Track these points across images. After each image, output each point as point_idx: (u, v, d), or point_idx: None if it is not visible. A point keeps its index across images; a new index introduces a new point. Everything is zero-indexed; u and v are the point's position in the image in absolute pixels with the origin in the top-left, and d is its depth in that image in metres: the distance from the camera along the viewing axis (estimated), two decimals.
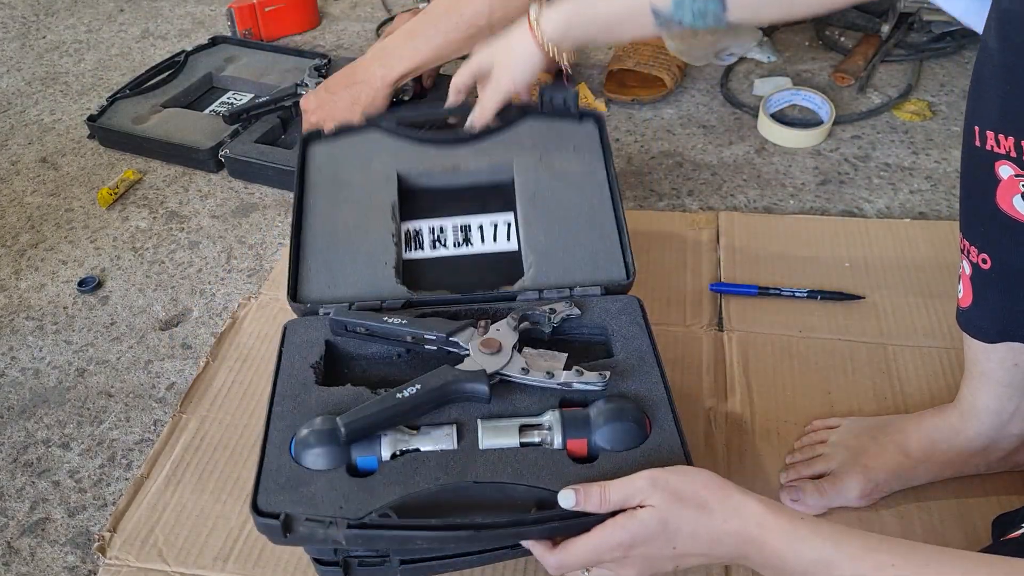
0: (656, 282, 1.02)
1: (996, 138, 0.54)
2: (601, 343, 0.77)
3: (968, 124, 0.58)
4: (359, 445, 0.64)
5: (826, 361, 0.91)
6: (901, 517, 0.75)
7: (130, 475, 0.86)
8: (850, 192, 1.18)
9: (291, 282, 0.82)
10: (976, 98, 0.56)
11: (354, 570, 0.68)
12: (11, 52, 1.77)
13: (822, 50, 1.54)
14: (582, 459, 0.64)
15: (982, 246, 0.60)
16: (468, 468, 0.63)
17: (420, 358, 0.76)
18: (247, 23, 1.73)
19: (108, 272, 1.13)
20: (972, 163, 0.58)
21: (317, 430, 0.64)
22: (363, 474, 0.64)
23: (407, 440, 0.65)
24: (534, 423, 0.66)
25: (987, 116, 0.55)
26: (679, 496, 0.55)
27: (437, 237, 0.87)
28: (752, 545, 0.54)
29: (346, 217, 0.87)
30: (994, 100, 0.54)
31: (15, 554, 0.79)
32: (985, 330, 0.66)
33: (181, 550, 0.76)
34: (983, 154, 0.56)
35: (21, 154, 1.41)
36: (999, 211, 0.56)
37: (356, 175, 0.90)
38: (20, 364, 1.00)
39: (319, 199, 0.88)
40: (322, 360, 0.74)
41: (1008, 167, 0.54)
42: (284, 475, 0.63)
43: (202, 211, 1.24)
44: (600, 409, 0.65)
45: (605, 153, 0.90)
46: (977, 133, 0.56)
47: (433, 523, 0.58)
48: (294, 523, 0.59)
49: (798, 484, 0.77)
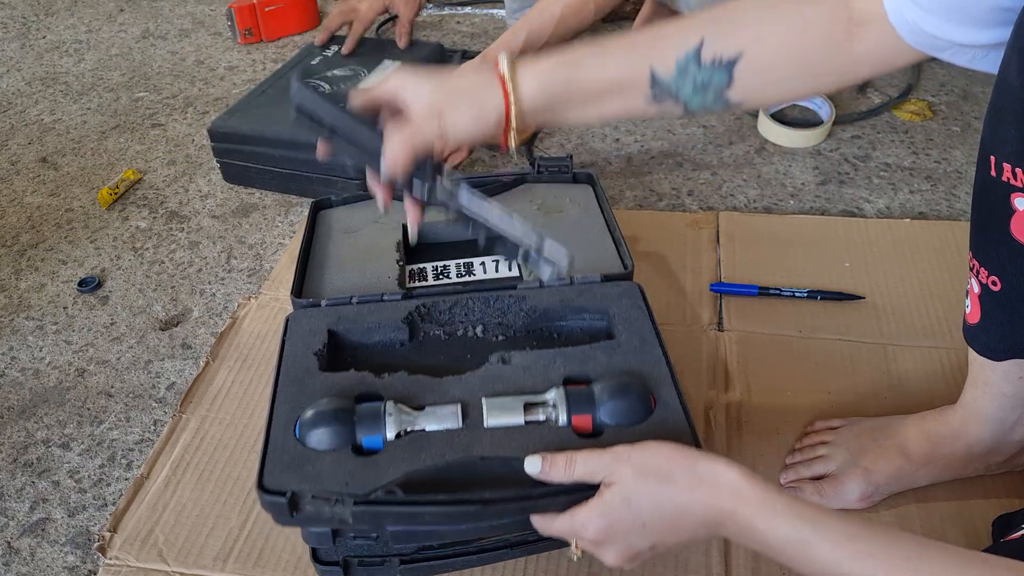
0: (656, 282, 1.02)
1: (1013, 171, 0.53)
2: (603, 327, 0.78)
3: (983, 153, 0.57)
4: (363, 425, 0.64)
5: (826, 361, 0.91)
6: (901, 519, 0.75)
7: (130, 475, 0.86)
8: (850, 192, 1.18)
9: (296, 286, 0.83)
10: (994, 130, 0.56)
11: (354, 570, 0.68)
12: (11, 52, 1.77)
13: None
14: (587, 435, 0.65)
15: (992, 269, 0.60)
16: (473, 446, 0.63)
17: (423, 345, 0.77)
18: (247, 23, 1.73)
19: (108, 272, 1.13)
20: (987, 192, 0.58)
21: (321, 410, 0.65)
22: (368, 453, 0.64)
23: (412, 420, 0.65)
24: (538, 400, 0.66)
25: (1005, 149, 0.54)
26: (642, 470, 0.54)
27: (440, 271, 0.89)
28: (725, 515, 0.52)
29: (352, 248, 0.90)
30: (1013, 134, 0.53)
31: (15, 554, 0.79)
32: (992, 348, 0.66)
33: (181, 550, 0.76)
34: (999, 184, 0.55)
35: (21, 154, 1.41)
36: (1013, 240, 0.56)
37: (364, 225, 0.93)
38: (20, 364, 1.00)
39: (327, 241, 0.92)
40: (325, 348, 0.75)
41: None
42: (289, 455, 0.63)
43: (202, 211, 1.24)
44: (604, 385, 0.66)
45: (602, 206, 0.94)
46: (993, 163, 0.56)
47: (440, 498, 0.58)
48: (300, 501, 0.59)
49: (798, 485, 0.77)
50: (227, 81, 1.62)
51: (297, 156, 1.20)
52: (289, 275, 0.95)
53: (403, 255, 0.88)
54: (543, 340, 0.78)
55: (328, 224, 0.94)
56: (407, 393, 0.68)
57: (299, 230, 1.16)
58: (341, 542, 0.66)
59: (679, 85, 0.63)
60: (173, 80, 1.63)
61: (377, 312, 0.78)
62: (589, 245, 0.87)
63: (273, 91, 1.31)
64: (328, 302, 0.79)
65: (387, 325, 0.77)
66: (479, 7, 1.85)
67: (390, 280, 0.85)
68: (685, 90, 0.63)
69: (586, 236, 0.88)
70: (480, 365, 0.71)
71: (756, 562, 0.72)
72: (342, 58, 1.40)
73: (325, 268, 0.87)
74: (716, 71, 0.62)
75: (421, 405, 0.67)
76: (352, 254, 0.89)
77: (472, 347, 0.77)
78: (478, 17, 1.83)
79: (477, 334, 0.78)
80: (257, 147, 1.22)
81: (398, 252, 0.89)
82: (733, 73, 0.62)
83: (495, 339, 0.78)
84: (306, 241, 0.89)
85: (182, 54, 1.73)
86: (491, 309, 0.79)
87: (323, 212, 0.96)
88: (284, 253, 1.13)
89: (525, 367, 0.70)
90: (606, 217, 0.91)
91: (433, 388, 0.69)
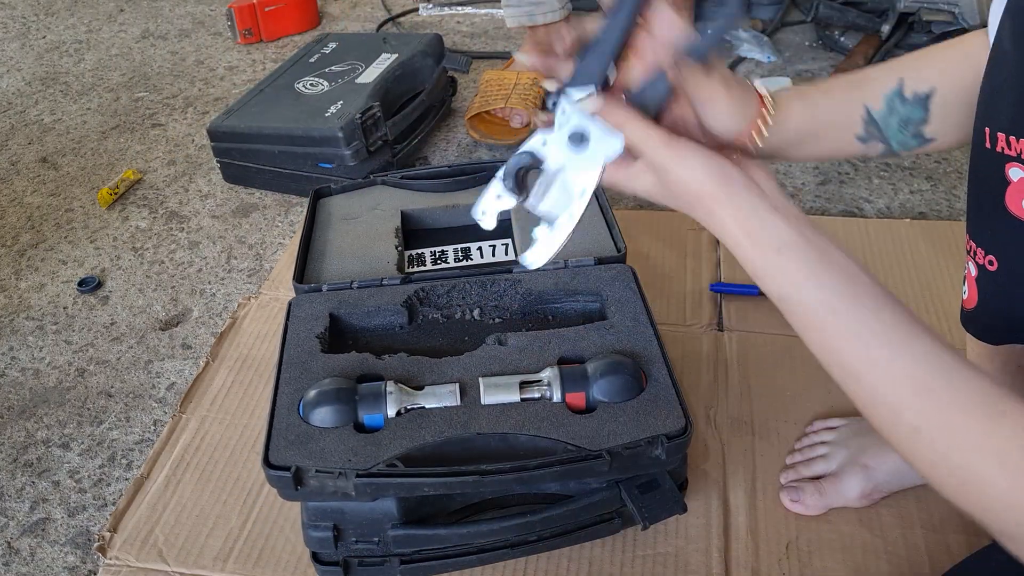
0: (656, 282, 1.02)
1: (1008, 140, 0.53)
2: (596, 309, 0.79)
3: (978, 126, 0.57)
4: (365, 404, 0.66)
5: None
6: (901, 517, 0.75)
7: (130, 475, 0.86)
8: (850, 192, 1.18)
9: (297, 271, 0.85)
10: (987, 100, 0.56)
11: (354, 570, 0.68)
12: (11, 52, 1.77)
13: (822, 50, 1.54)
14: (581, 411, 0.67)
15: (989, 248, 0.60)
16: (471, 422, 0.65)
17: (421, 328, 0.79)
18: (247, 23, 1.74)
19: (108, 272, 1.13)
20: (981, 165, 0.58)
21: (325, 390, 0.67)
22: (370, 431, 0.65)
23: (412, 398, 0.67)
24: (534, 379, 0.68)
25: (999, 118, 0.54)
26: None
27: (438, 257, 0.91)
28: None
29: (352, 235, 0.91)
30: (1008, 102, 0.53)
31: (15, 554, 0.79)
32: (990, 331, 0.66)
33: (181, 550, 0.76)
34: (993, 156, 0.55)
35: (21, 154, 1.41)
36: (1008, 213, 0.56)
37: (363, 212, 0.95)
38: (20, 364, 1.00)
39: (327, 228, 0.93)
40: (327, 331, 0.76)
41: (1019, 169, 0.53)
42: (294, 433, 0.65)
43: (202, 211, 1.24)
44: (597, 364, 0.68)
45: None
46: (988, 135, 0.56)
47: (439, 470, 0.60)
48: (304, 475, 0.61)
49: (798, 484, 0.77)
50: (227, 81, 1.62)
51: (296, 153, 1.20)
52: (289, 275, 0.95)
53: (401, 240, 0.90)
54: (538, 322, 0.80)
55: (328, 211, 0.95)
56: (407, 374, 0.70)
57: (299, 230, 1.16)
58: (343, 545, 0.67)
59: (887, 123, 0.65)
60: (173, 80, 1.63)
61: (377, 296, 0.80)
62: (582, 228, 0.87)
63: (272, 90, 1.32)
64: (329, 287, 0.81)
65: (387, 309, 0.79)
66: (479, 7, 1.85)
67: (389, 265, 0.86)
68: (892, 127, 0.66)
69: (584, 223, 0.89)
70: (477, 346, 0.73)
71: (756, 562, 0.72)
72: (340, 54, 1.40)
73: (326, 254, 0.88)
74: (915, 107, 0.64)
75: (421, 385, 0.69)
76: (352, 240, 0.90)
77: (469, 329, 0.79)
78: (478, 17, 1.83)
79: (474, 316, 0.80)
80: (256, 145, 1.22)
81: (396, 238, 0.90)
82: (929, 107, 0.64)
83: (492, 321, 0.80)
84: (307, 228, 0.91)
85: (182, 54, 1.73)
86: (487, 292, 0.80)
87: (323, 200, 0.97)
88: (284, 253, 1.13)
89: (521, 348, 0.72)
90: (599, 200, 0.91)
91: (432, 368, 0.71)
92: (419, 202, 0.96)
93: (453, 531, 0.67)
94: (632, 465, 0.63)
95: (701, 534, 0.74)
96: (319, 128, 1.18)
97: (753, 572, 0.71)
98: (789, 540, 0.73)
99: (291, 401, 0.68)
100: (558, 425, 0.65)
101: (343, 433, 0.64)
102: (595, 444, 0.63)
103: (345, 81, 1.30)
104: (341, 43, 1.44)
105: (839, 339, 0.50)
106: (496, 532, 0.67)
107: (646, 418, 0.65)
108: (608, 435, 0.64)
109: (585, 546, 0.73)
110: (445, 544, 0.68)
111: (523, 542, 0.70)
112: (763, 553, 0.72)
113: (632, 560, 0.72)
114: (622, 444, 0.63)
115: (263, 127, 1.22)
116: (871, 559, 0.71)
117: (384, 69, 1.31)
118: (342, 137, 1.17)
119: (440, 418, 0.66)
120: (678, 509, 0.66)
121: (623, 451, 0.62)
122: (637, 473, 0.66)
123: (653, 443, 0.63)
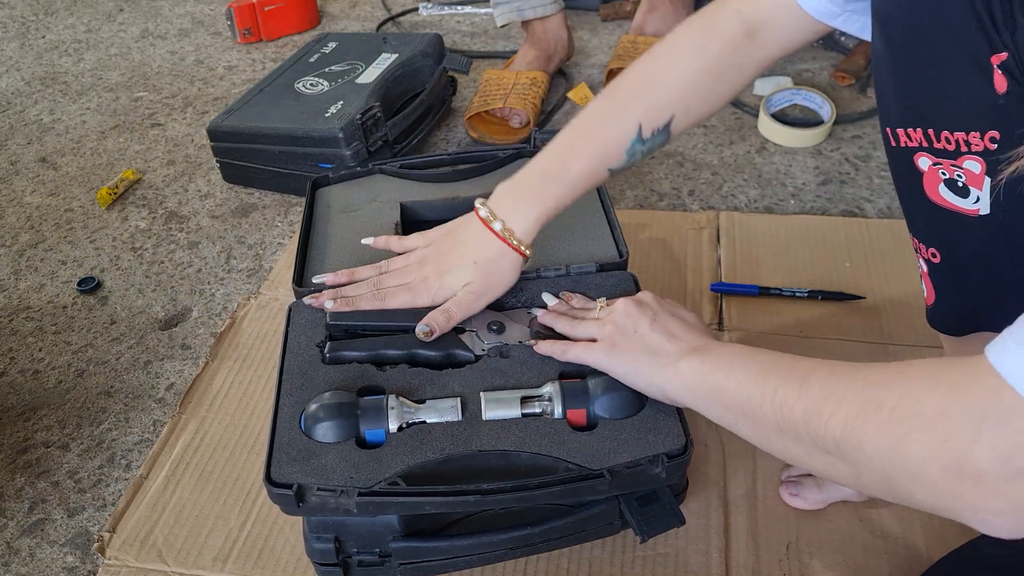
0: (656, 282, 1.02)
1: (907, 133, 0.56)
2: None
3: (881, 127, 0.60)
4: (367, 418, 0.66)
5: None
6: (901, 517, 0.75)
7: (129, 475, 0.86)
8: (851, 192, 1.18)
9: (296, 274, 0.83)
10: (880, 101, 0.59)
11: (354, 571, 0.68)
12: (11, 52, 1.77)
13: (822, 50, 1.54)
14: (581, 427, 0.66)
15: (927, 240, 0.62)
16: (473, 438, 0.65)
17: None
18: (247, 23, 1.73)
19: (108, 272, 1.13)
20: (896, 163, 0.60)
21: (326, 404, 0.66)
22: (371, 446, 0.65)
23: (413, 413, 0.67)
24: (535, 394, 0.68)
25: (892, 116, 0.57)
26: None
27: None
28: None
29: (351, 229, 0.90)
30: (893, 99, 0.56)
31: (15, 554, 0.79)
32: (951, 326, 0.67)
33: (180, 550, 0.76)
34: (901, 152, 0.57)
35: (21, 154, 1.41)
36: (931, 203, 0.58)
37: (363, 204, 0.94)
38: (19, 365, 1.00)
39: (326, 222, 0.92)
40: (327, 340, 0.75)
41: (925, 158, 0.55)
42: (296, 448, 0.65)
43: (201, 211, 1.24)
44: (598, 380, 0.68)
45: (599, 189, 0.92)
46: (890, 134, 0.58)
47: (441, 489, 0.60)
48: (307, 493, 0.61)
49: (798, 479, 0.77)
50: (226, 81, 1.62)
51: (296, 153, 1.20)
52: (288, 275, 0.95)
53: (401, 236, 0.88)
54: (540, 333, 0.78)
55: (327, 203, 0.94)
56: (408, 386, 0.70)
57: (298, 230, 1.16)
58: (344, 556, 0.67)
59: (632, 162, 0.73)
60: (172, 80, 1.63)
61: None
62: (585, 231, 0.87)
63: (272, 90, 1.31)
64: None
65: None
66: (479, 7, 1.85)
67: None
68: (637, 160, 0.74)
69: (582, 222, 0.88)
70: (478, 359, 0.73)
71: (756, 562, 0.72)
72: (340, 54, 1.40)
73: (326, 253, 0.87)
74: (657, 137, 0.72)
75: (422, 399, 0.69)
76: (351, 236, 0.88)
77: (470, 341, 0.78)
78: (478, 17, 1.83)
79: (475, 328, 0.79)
80: (256, 145, 1.22)
81: (396, 234, 0.88)
82: (671, 129, 0.72)
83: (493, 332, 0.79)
84: (305, 223, 0.89)
85: (181, 54, 1.73)
86: None
87: (321, 190, 0.96)
88: (284, 253, 1.13)
89: (522, 361, 0.72)
90: (603, 200, 0.90)
91: (433, 381, 0.70)
92: (419, 193, 0.94)
93: (454, 543, 0.67)
94: (632, 483, 0.63)
95: (701, 534, 0.74)
96: (319, 128, 1.18)
97: (753, 572, 0.71)
98: (789, 540, 0.73)
99: (292, 413, 0.67)
100: (559, 443, 0.64)
101: (345, 449, 0.64)
102: (596, 462, 0.63)
103: (345, 81, 1.30)
104: (341, 43, 1.44)
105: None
106: (497, 544, 0.67)
107: (646, 435, 0.64)
108: (609, 453, 0.63)
109: (585, 546, 0.73)
110: (446, 556, 0.68)
111: (523, 543, 0.70)
112: (763, 553, 0.72)
113: (632, 561, 0.72)
114: (623, 463, 0.62)
115: (263, 127, 1.22)
116: (871, 559, 0.71)
117: (384, 69, 1.31)
118: (342, 137, 1.17)
119: (441, 434, 0.65)
120: (676, 522, 0.66)
121: (624, 470, 0.62)
122: (637, 489, 0.66)
123: (654, 462, 0.62)
